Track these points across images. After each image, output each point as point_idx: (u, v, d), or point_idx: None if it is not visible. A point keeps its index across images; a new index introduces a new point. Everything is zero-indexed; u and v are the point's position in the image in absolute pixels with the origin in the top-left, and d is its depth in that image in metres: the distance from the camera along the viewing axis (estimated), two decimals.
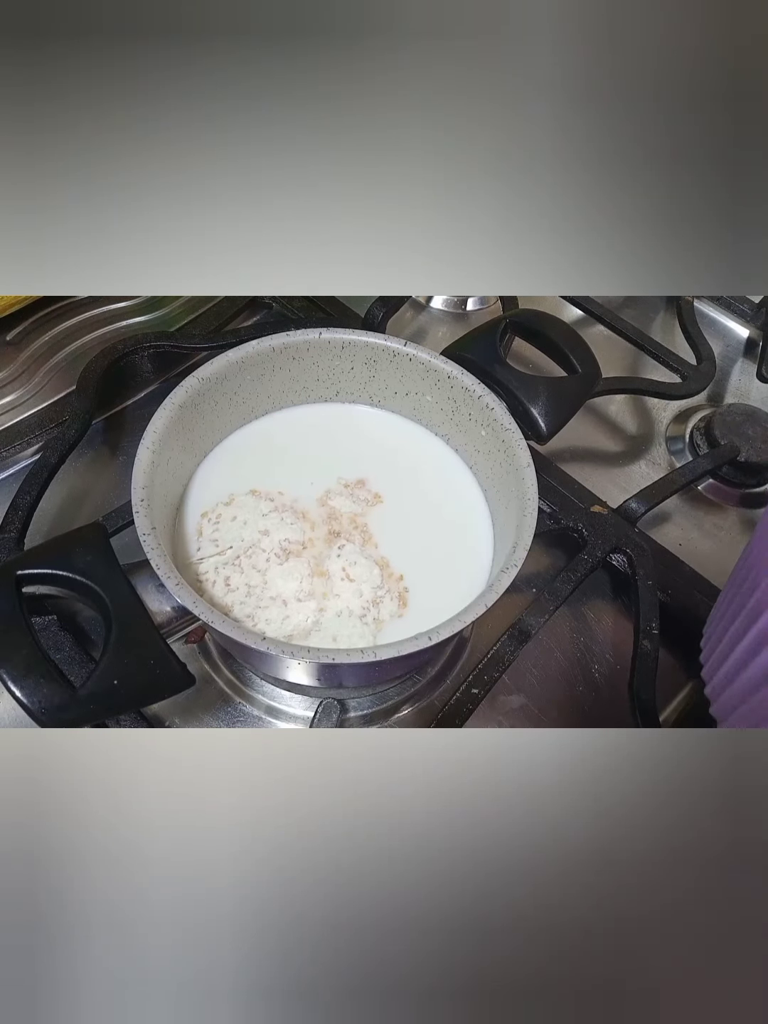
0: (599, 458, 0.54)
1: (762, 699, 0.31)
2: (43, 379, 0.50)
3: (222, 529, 0.34)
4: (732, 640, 0.33)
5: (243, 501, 0.35)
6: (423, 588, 0.35)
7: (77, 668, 0.37)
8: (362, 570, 0.33)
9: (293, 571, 0.33)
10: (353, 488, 0.37)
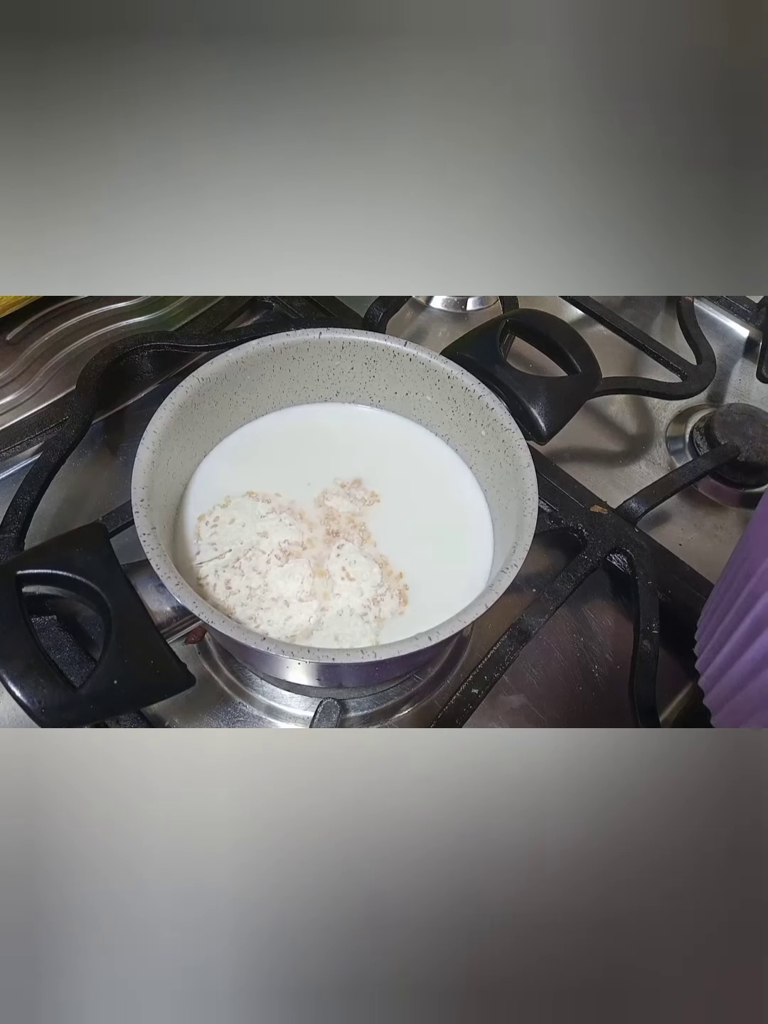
0: (599, 458, 0.54)
1: (754, 689, 0.31)
2: (43, 379, 0.50)
3: (220, 532, 0.34)
4: (726, 630, 0.33)
5: (240, 503, 0.35)
6: (423, 587, 0.35)
7: (77, 668, 0.37)
8: (362, 569, 0.33)
9: (294, 572, 0.33)
10: (350, 488, 0.37)
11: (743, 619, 0.31)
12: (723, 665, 0.33)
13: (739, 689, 0.32)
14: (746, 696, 0.31)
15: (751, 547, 0.31)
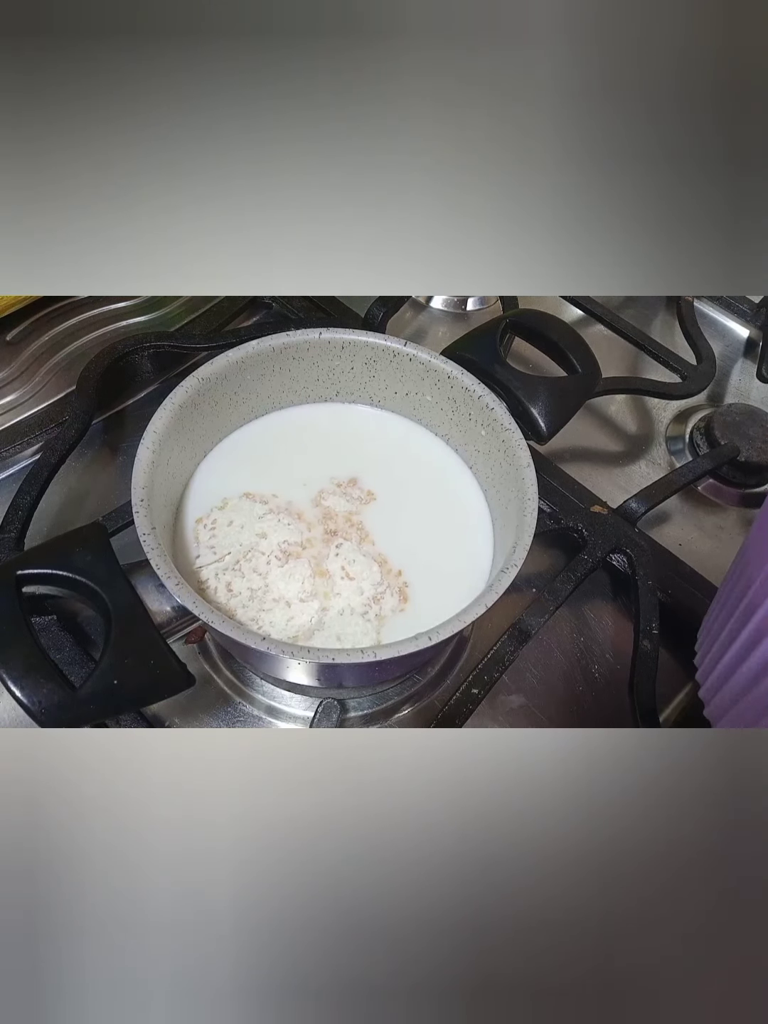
0: (599, 458, 0.54)
1: (754, 699, 0.30)
2: (43, 379, 0.50)
3: (219, 535, 0.34)
4: (726, 640, 0.33)
5: (237, 505, 0.35)
6: (423, 587, 0.35)
7: (77, 668, 0.37)
8: (361, 568, 0.33)
9: (294, 572, 0.33)
10: (346, 487, 0.37)
11: (743, 629, 0.31)
12: (723, 675, 0.33)
13: (739, 699, 0.32)
14: (746, 706, 0.31)
15: (750, 556, 0.31)
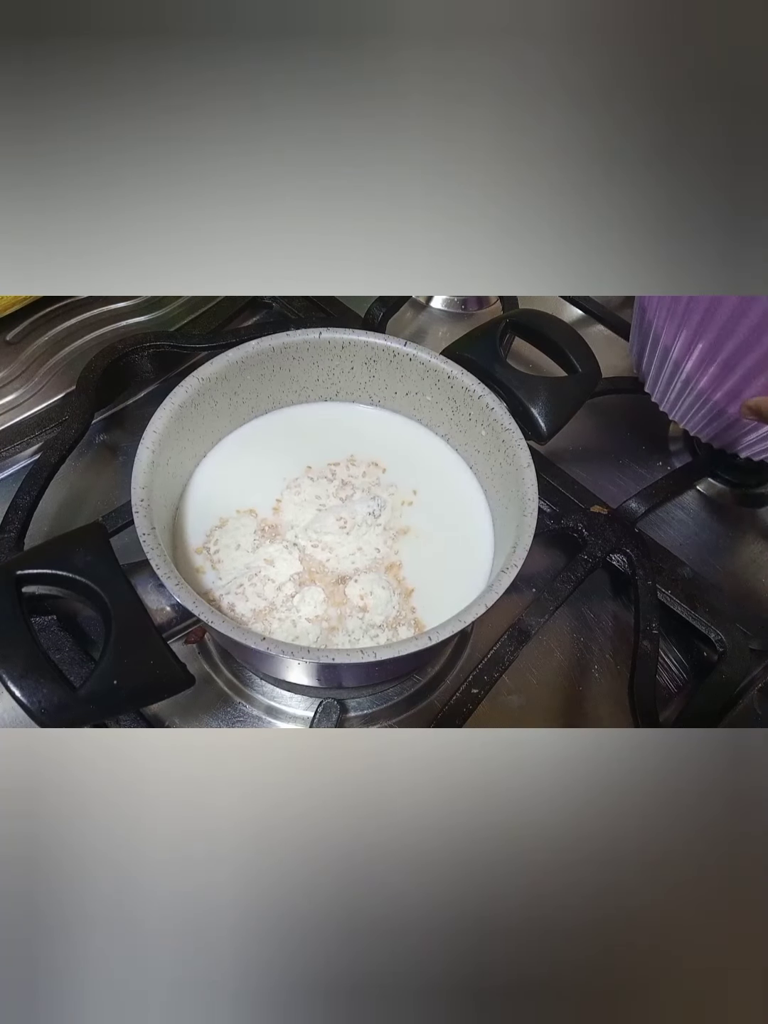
0: (599, 458, 0.54)
1: None
2: (43, 379, 0.50)
3: (224, 560, 0.34)
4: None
5: (235, 523, 0.35)
6: (423, 587, 0.35)
7: (77, 668, 0.37)
8: (378, 601, 0.33)
9: (306, 597, 0.33)
10: (347, 464, 0.38)
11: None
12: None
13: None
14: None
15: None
